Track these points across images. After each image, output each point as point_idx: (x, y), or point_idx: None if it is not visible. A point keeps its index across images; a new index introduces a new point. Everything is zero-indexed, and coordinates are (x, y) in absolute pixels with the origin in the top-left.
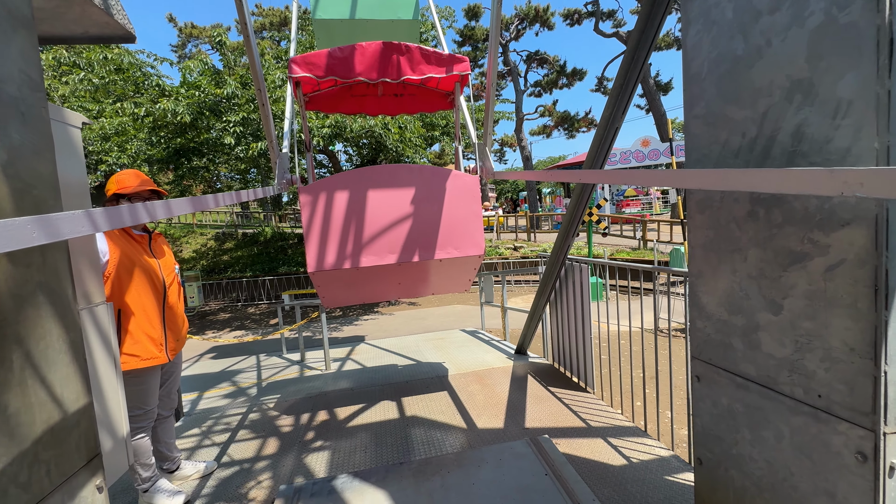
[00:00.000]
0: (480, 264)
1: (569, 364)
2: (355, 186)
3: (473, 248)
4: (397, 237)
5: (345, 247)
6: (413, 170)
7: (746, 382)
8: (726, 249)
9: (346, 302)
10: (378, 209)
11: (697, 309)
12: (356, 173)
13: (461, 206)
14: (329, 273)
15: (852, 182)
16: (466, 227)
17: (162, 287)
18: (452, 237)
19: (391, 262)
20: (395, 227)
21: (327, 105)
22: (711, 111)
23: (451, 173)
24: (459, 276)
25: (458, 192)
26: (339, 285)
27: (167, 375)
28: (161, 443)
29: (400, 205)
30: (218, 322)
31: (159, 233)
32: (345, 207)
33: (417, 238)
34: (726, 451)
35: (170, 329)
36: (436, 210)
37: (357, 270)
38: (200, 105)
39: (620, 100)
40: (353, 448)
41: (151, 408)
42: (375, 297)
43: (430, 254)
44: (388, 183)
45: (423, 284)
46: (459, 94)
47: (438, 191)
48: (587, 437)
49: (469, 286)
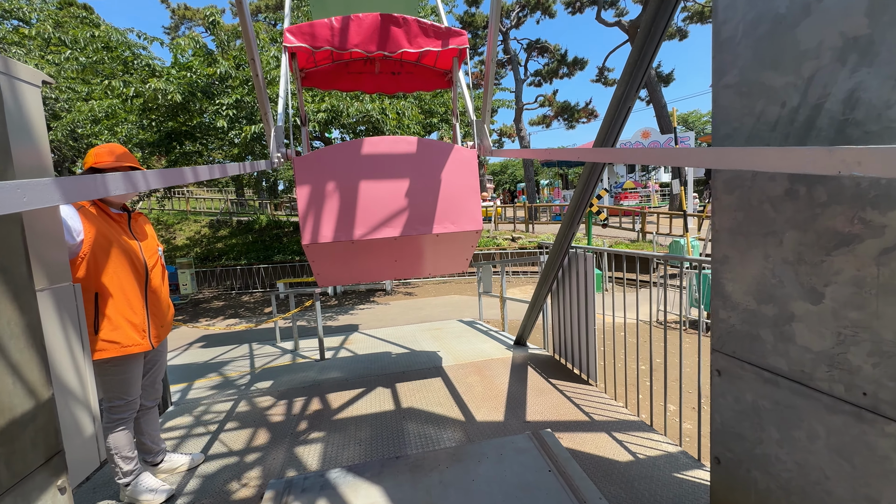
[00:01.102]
0: (478, 241)
1: (570, 355)
2: (352, 158)
3: (471, 223)
4: (394, 210)
5: (340, 219)
6: (411, 142)
7: (776, 378)
8: (758, 232)
9: (341, 281)
10: (375, 181)
11: (721, 298)
12: (353, 144)
13: (459, 181)
14: (324, 246)
15: (850, 161)
16: (464, 201)
17: (143, 269)
18: (450, 212)
19: (387, 235)
20: (391, 200)
21: (323, 82)
22: (746, 79)
23: (450, 147)
24: (457, 253)
25: (456, 166)
26: (334, 261)
27: (151, 364)
28: (144, 434)
29: (397, 177)
30: (211, 310)
31: (140, 212)
32: (341, 179)
33: (415, 212)
34: (749, 450)
35: (153, 314)
36: (434, 184)
37: (353, 244)
38: (192, 86)
39: (634, 76)
40: (346, 441)
41: (133, 398)
42: (371, 276)
43: (427, 228)
44: (385, 155)
45: (419, 263)
46: (458, 70)
47: (436, 164)
48: (591, 431)
49: (467, 266)
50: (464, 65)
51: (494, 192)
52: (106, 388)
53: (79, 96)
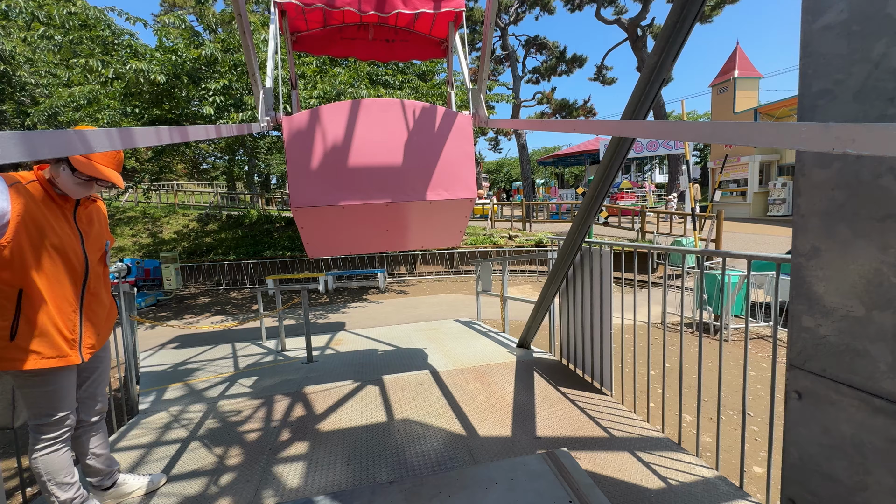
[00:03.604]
0: (471, 212)
1: (580, 361)
2: (344, 120)
3: (465, 191)
4: (386, 175)
5: (331, 183)
6: (407, 106)
7: (892, 406)
8: (869, 216)
9: (331, 251)
10: (367, 145)
11: (806, 300)
12: (345, 105)
13: (453, 147)
14: (313, 211)
15: (844, 138)
16: (458, 168)
17: (83, 267)
18: (443, 179)
19: (379, 201)
20: (384, 164)
21: (315, 46)
22: (858, 12)
23: (445, 111)
24: (450, 224)
25: (451, 132)
26: (324, 229)
27: (88, 372)
28: (89, 455)
29: (390, 141)
30: (197, 307)
31: (95, 197)
32: (332, 141)
33: (407, 177)
34: (843, 497)
35: (89, 321)
36: (427, 149)
37: (343, 209)
38: (177, 68)
39: (672, 42)
40: (332, 460)
41: (64, 414)
42: (362, 247)
43: (419, 195)
44: (378, 118)
45: (412, 233)
46: (454, 35)
47: (430, 129)
48: (611, 449)
49: (460, 239)
50: (460, 29)
51: (490, 189)
52: (29, 403)
53: (60, 81)
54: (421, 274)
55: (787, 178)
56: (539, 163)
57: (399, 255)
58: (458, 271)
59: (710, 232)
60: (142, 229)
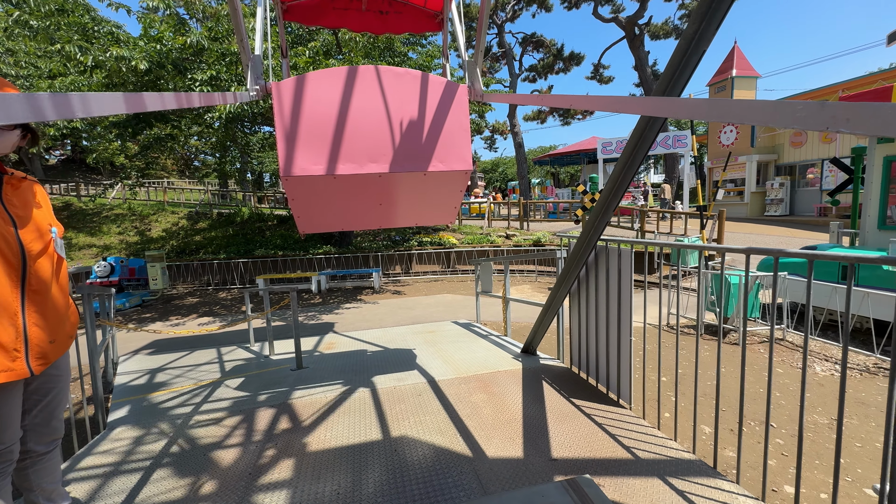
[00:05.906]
0: (466, 186)
1: (594, 369)
2: (336, 86)
3: (460, 163)
4: (379, 145)
5: (321, 151)
6: (399, 73)
7: None
8: None
9: (322, 226)
10: (360, 113)
11: None
12: (337, 72)
13: (449, 117)
14: (303, 180)
15: (840, 117)
16: (454, 139)
17: (20, 260)
18: (438, 149)
19: (371, 171)
20: (377, 133)
21: (307, 16)
22: None
23: (442, 81)
24: (445, 199)
25: (447, 102)
26: (315, 201)
27: (41, 394)
28: (36, 490)
29: (383, 110)
30: (184, 307)
31: (24, 175)
32: (323, 108)
33: (401, 147)
34: None
35: (35, 325)
36: (422, 119)
37: (334, 179)
38: (161, 56)
39: (717, 7)
40: (319, 488)
41: (8, 445)
42: (355, 223)
43: (414, 165)
44: (371, 85)
45: (405, 208)
46: (450, 6)
47: (425, 98)
48: (638, 475)
49: (454, 217)
50: None
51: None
52: None
53: (40, 73)
54: (417, 273)
55: (785, 177)
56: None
57: (395, 255)
58: (455, 271)
59: (711, 231)
60: (129, 227)
